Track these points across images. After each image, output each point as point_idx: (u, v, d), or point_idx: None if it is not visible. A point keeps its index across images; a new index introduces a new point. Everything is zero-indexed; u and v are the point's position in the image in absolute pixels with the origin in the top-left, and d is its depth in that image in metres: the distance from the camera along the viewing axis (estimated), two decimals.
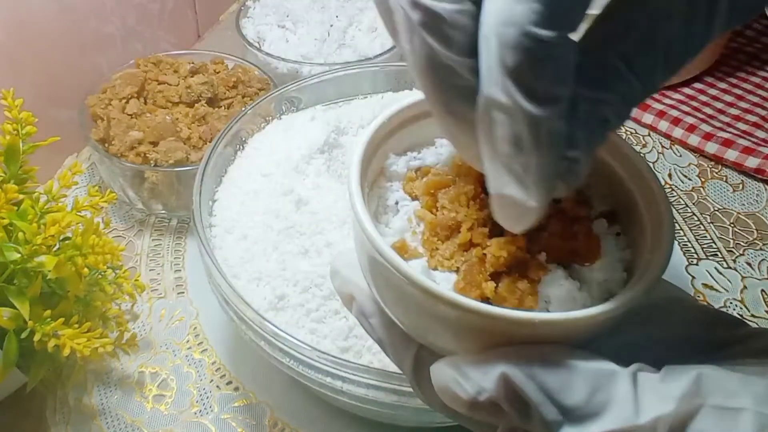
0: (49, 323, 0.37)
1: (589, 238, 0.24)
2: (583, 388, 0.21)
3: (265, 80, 0.58)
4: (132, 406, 0.43)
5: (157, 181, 0.51)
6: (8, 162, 0.41)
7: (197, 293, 0.50)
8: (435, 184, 0.26)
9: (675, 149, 0.63)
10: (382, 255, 0.22)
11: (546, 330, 0.22)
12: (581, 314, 0.22)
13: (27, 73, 0.53)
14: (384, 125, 0.27)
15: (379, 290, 0.25)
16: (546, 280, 0.23)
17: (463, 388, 0.22)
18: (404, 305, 0.24)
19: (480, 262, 0.23)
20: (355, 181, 0.25)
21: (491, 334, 0.22)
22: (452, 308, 0.21)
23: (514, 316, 0.21)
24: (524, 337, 0.22)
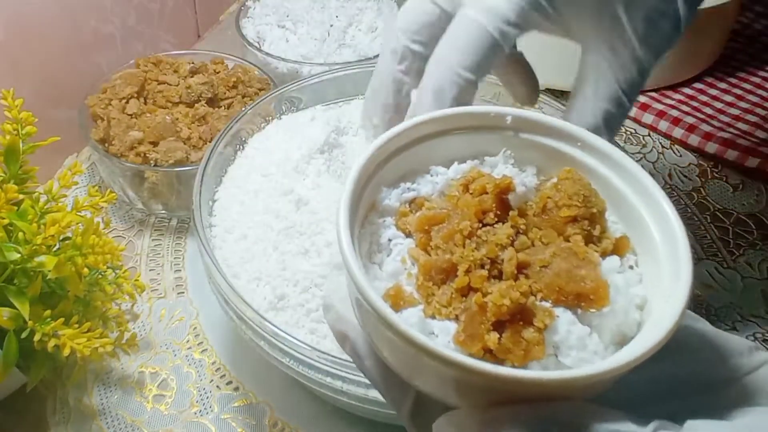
0: (49, 323, 0.37)
1: (596, 282, 0.22)
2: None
3: (265, 80, 0.58)
4: (132, 406, 0.43)
5: (157, 181, 0.51)
6: (8, 162, 0.41)
7: (197, 293, 0.50)
8: (428, 220, 0.24)
9: (675, 149, 0.63)
10: (375, 309, 0.21)
11: (557, 388, 0.20)
12: (594, 370, 0.20)
13: (27, 73, 0.53)
14: (374, 157, 0.25)
15: (374, 340, 0.23)
16: (553, 326, 0.22)
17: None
18: (400, 359, 0.23)
19: (481, 311, 0.21)
20: (344, 224, 0.23)
21: (497, 393, 0.21)
22: (453, 368, 0.20)
23: (522, 377, 0.20)
24: (533, 395, 0.20)
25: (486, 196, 0.24)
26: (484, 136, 0.27)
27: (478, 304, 0.21)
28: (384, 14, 0.66)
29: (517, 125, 0.26)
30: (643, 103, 0.64)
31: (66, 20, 0.55)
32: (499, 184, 0.24)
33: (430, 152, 0.27)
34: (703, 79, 0.68)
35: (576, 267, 0.22)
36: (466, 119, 0.27)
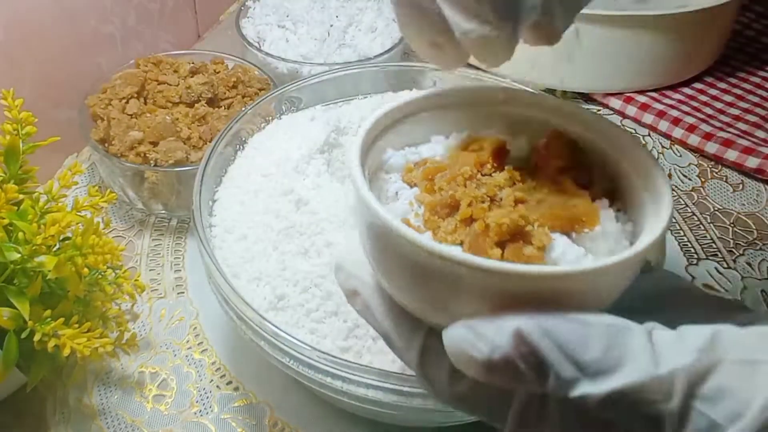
0: (49, 323, 0.37)
1: (588, 205, 0.25)
2: (599, 344, 0.21)
3: (265, 80, 0.58)
4: (132, 406, 0.43)
5: (157, 181, 0.51)
6: (8, 162, 0.41)
7: (197, 293, 0.50)
8: (432, 171, 0.26)
9: (675, 149, 0.63)
10: (388, 224, 0.23)
11: (558, 284, 0.22)
12: (594, 265, 0.22)
13: (27, 73, 0.53)
14: (381, 120, 0.27)
15: (386, 268, 0.25)
16: (550, 246, 0.23)
17: (477, 347, 0.21)
18: (413, 277, 0.24)
19: (483, 232, 0.23)
20: (356, 162, 0.25)
21: (502, 296, 0.22)
22: (462, 267, 0.21)
23: (525, 270, 0.21)
24: (536, 296, 0.22)
25: (483, 151, 0.27)
26: (479, 110, 0.29)
27: (481, 228, 0.23)
28: (384, 14, 0.66)
29: (508, 100, 0.29)
30: (643, 103, 0.65)
31: (66, 20, 0.55)
32: (495, 141, 0.27)
33: (429, 124, 0.29)
34: (703, 79, 0.68)
35: (568, 200, 0.25)
36: (462, 94, 0.29)
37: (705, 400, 0.20)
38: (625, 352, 0.20)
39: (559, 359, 0.21)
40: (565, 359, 0.21)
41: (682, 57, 0.66)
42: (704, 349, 0.20)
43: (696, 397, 0.20)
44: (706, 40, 0.67)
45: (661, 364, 0.20)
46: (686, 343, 0.20)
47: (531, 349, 0.21)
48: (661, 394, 0.20)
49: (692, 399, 0.20)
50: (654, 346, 0.21)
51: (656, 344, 0.21)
